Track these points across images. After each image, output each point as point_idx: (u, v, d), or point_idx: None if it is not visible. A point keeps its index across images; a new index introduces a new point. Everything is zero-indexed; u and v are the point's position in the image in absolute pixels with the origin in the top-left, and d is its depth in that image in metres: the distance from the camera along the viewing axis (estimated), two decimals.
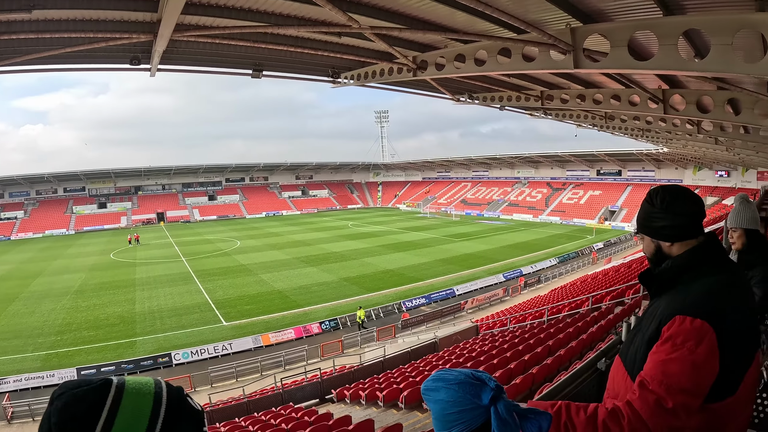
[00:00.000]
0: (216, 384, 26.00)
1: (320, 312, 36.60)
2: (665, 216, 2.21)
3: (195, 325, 34.28)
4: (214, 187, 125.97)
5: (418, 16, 11.77)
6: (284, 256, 59.00)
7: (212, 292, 42.76)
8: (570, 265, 52.94)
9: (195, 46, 14.08)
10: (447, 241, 67.88)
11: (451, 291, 42.03)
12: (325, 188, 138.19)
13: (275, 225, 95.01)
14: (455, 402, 1.54)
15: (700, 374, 1.89)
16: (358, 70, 17.93)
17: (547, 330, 17.87)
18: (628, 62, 9.93)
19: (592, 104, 19.89)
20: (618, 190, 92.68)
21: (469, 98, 22.86)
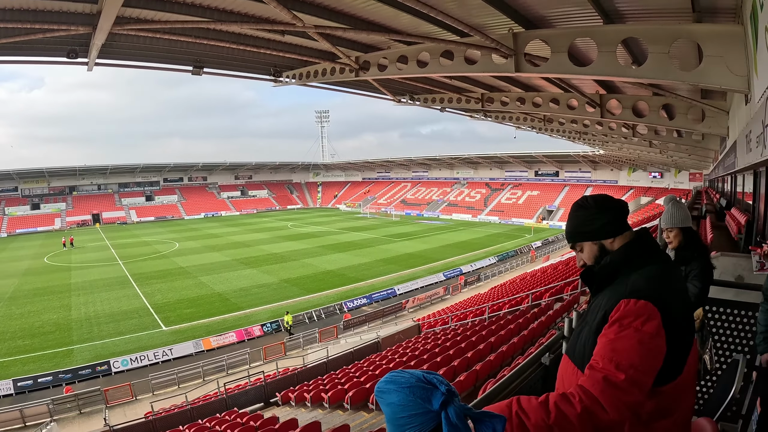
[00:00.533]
0: (157, 391, 25.31)
1: (261, 314, 36.18)
2: (602, 213, 2.35)
3: (134, 330, 33.33)
4: (151, 188, 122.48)
5: (362, 16, 11.81)
6: (224, 258, 58.19)
7: (151, 296, 41.74)
8: (509, 263, 53.77)
9: (135, 41, 13.70)
10: (387, 241, 68.13)
11: (392, 291, 42.11)
12: (265, 188, 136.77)
13: (214, 226, 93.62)
14: (405, 406, 1.54)
15: (648, 351, 1.98)
16: (300, 69, 17.90)
17: (488, 327, 18.14)
18: (567, 67, 10.18)
19: (532, 107, 20.31)
20: (555, 191, 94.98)
21: (411, 99, 23.02)
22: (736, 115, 11.98)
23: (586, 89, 18.03)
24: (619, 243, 2.35)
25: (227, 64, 17.45)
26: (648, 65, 8.81)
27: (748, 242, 10.39)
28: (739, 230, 11.46)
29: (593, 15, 9.19)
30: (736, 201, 18.73)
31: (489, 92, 21.49)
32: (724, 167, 17.27)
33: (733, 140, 12.29)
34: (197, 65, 16.39)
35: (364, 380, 16.13)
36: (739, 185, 18.30)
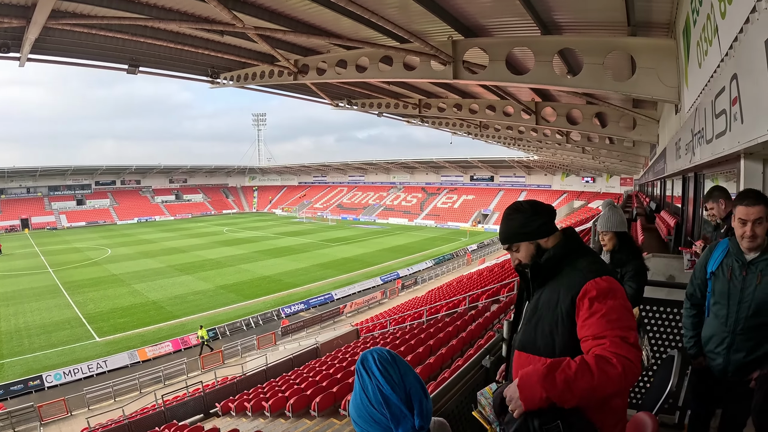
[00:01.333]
0: (93, 406, 24.46)
1: (198, 322, 35.21)
2: (538, 215, 2.52)
3: (66, 342, 32.07)
4: (83, 191, 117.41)
5: (303, 19, 11.80)
6: (158, 265, 56.89)
7: (83, 305, 40.25)
8: (446, 266, 54.41)
9: (70, 36, 13.28)
10: (324, 246, 67.94)
11: (330, 296, 41.99)
12: (200, 192, 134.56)
13: (148, 231, 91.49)
14: (372, 410, 1.57)
15: (631, 314, 2.25)
16: (239, 71, 17.76)
17: (427, 330, 18.34)
18: (505, 76, 10.43)
19: (469, 114, 20.61)
20: (490, 195, 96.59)
21: (348, 104, 23.11)
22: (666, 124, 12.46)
23: (523, 97, 18.43)
24: (552, 241, 2.53)
25: (164, 63, 17.10)
26: (583, 75, 9.11)
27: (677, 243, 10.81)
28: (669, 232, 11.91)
29: (531, 26, 9.43)
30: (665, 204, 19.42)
31: (426, 98, 21.71)
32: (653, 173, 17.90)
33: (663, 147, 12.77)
34: (133, 64, 16.01)
35: (304, 387, 16.10)
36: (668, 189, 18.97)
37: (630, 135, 17.73)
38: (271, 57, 15.18)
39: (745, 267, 3.47)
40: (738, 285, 3.51)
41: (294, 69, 15.34)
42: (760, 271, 3.40)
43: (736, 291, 3.52)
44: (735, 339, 3.55)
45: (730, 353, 3.59)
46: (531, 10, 8.73)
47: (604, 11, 8.54)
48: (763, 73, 2.92)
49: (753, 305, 3.43)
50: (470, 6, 9.61)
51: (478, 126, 27.33)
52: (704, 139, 5.43)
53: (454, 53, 11.19)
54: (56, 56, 15.15)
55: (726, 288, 3.58)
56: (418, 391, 1.61)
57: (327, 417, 13.61)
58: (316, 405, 13.89)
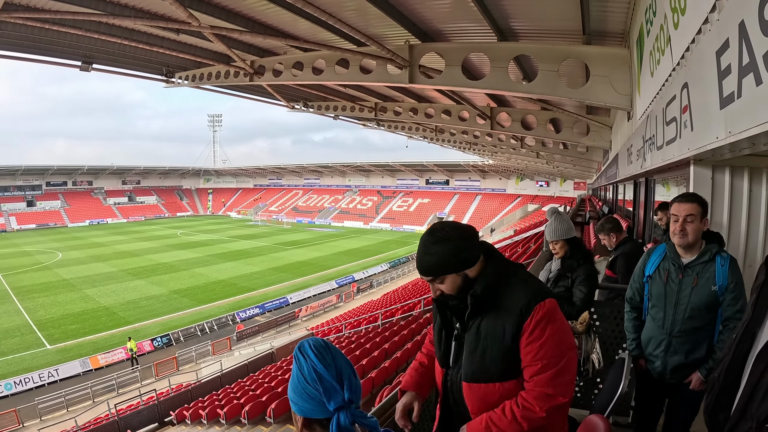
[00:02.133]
0: (45, 416, 23.88)
1: (151, 328, 34.98)
2: (465, 244, 2.33)
3: (16, 350, 31.12)
4: (33, 192, 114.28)
5: (261, 19, 11.73)
6: (110, 269, 55.77)
7: (33, 311, 39.18)
8: (401, 269, 54.62)
9: (22, 30, 12.90)
10: (279, 249, 67.67)
11: (285, 300, 41.83)
12: (154, 194, 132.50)
13: (100, 234, 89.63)
14: (307, 386, 1.64)
15: (569, 336, 2.34)
16: (194, 70, 17.60)
17: (382, 334, 18.37)
18: (460, 81, 10.52)
19: (424, 118, 20.73)
20: (446, 198, 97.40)
21: (304, 106, 23.06)
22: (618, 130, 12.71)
23: (478, 102, 18.60)
24: (477, 267, 2.40)
25: (118, 61, 16.79)
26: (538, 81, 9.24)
27: None
28: None
29: (488, 32, 9.52)
30: (617, 208, 19.84)
31: (383, 102, 21.79)
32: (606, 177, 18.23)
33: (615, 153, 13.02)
34: (86, 60, 15.70)
35: (260, 393, 16.02)
36: (620, 194, 19.37)
37: (583, 141, 18.03)
38: (227, 57, 15.06)
39: (681, 270, 3.54)
40: (674, 288, 3.58)
41: (250, 70, 15.26)
42: (696, 274, 3.47)
43: (672, 294, 3.59)
44: (672, 342, 3.62)
45: (668, 356, 3.67)
46: (488, 17, 8.82)
47: (560, 20, 8.69)
48: (713, 82, 2.99)
49: (689, 308, 3.50)
50: (428, 11, 9.67)
51: (434, 130, 27.54)
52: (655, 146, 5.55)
53: (411, 57, 11.25)
54: (7, 50, 14.80)
55: (662, 291, 3.66)
56: (348, 371, 1.68)
57: (283, 423, 13.55)
58: (271, 411, 13.82)
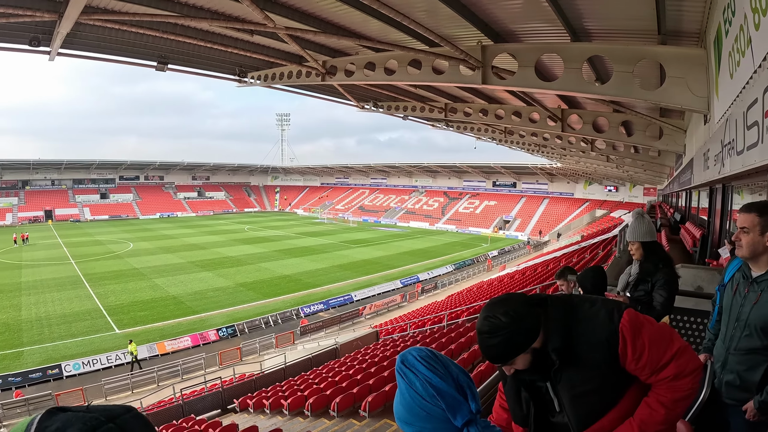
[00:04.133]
0: (110, 397, 24.79)
1: (217, 318, 35.84)
2: (518, 326, 2.16)
3: (86, 333, 32.44)
4: (106, 185, 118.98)
5: (333, 20, 11.84)
6: (179, 260, 57.36)
7: (104, 297, 40.77)
8: (466, 271, 54.16)
9: (100, 32, 13.44)
10: (344, 247, 68.00)
11: (349, 297, 42.09)
12: (222, 190, 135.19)
13: (170, 227, 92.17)
14: (424, 404, 1.56)
15: (664, 327, 2.31)
16: (266, 70, 17.84)
17: (447, 335, 18.28)
18: (533, 82, 10.39)
19: (494, 119, 20.54)
20: (512, 201, 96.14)
21: (374, 106, 23.10)
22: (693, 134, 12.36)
23: (549, 103, 18.35)
24: (542, 334, 2.27)
25: (192, 61, 17.20)
26: (612, 83, 9.07)
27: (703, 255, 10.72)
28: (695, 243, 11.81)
29: (561, 32, 9.41)
30: (690, 216, 19.25)
31: (453, 102, 21.68)
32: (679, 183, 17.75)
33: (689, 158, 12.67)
34: (162, 61, 16.14)
35: (324, 387, 16.08)
36: (693, 201, 18.82)
37: (656, 144, 17.58)
38: (300, 57, 15.27)
39: (748, 283, 3.30)
40: (739, 301, 3.35)
41: (322, 70, 15.38)
42: (761, 290, 3.20)
43: (736, 307, 3.37)
44: (728, 358, 3.42)
45: (723, 372, 3.46)
46: (562, 17, 8.71)
47: (634, 19, 8.50)
48: None
49: (747, 325, 3.26)
50: (500, 11, 9.60)
51: (503, 132, 27.24)
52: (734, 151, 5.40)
53: (483, 58, 11.17)
54: (86, 51, 15.29)
55: (729, 303, 3.46)
56: (465, 378, 1.61)
57: (346, 418, 13.60)
58: (335, 405, 13.89)
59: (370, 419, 12.69)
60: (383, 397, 13.15)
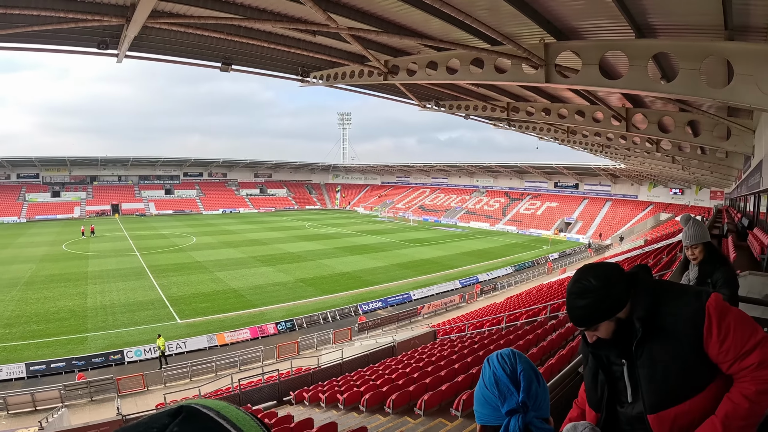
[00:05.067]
0: (170, 383, 25.47)
1: (276, 312, 36.39)
2: (608, 292, 2.24)
3: (148, 321, 33.60)
4: (171, 181, 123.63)
5: (394, 20, 11.85)
6: (240, 255, 58.46)
7: (166, 288, 42.14)
8: (526, 273, 53.44)
9: (166, 35, 13.89)
10: (404, 246, 68.05)
11: (408, 296, 42.10)
12: (284, 187, 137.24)
13: (232, 222, 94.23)
14: (485, 390, 1.67)
15: (746, 316, 2.25)
16: (328, 70, 17.95)
17: (506, 337, 18.10)
18: (598, 80, 10.17)
19: (557, 118, 20.23)
20: (574, 203, 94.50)
21: (436, 105, 23.03)
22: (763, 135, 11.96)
23: (613, 102, 17.97)
24: (628, 305, 2.32)
25: (256, 62, 17.48)
26: (678, 81, 8.82)
27: None
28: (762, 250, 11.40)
29: (625, 28, 9.20)
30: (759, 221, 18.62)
31: (515, 101, 21.44)
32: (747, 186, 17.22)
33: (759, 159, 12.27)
34: (226, 62, 16.45)
35: (380, 383, 16.11)
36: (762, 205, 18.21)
37: (723, 145, 17.04)
38: (362, 57, 15.35)
39: None
40: None
41: (384, 69, 15.39)
42: None
43: None
44: None
45: None
46: (626, 13, 8.51)
47: (700, 14, 8.23)
48: None
49: None
50: (562, 8, 9.45)
51: (566, 131, 26.82)
52: None
53: (546, 56, 11.01)
54: (152, 53, 15.74)
55: None
56: (529, 375, 1.65)
57: (401, 415, 13.62)
58: (391, 402, 13.90)
59: (424, 417, 12.67)
60: (439, 396, 13.11)
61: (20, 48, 14.25)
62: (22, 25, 11.63)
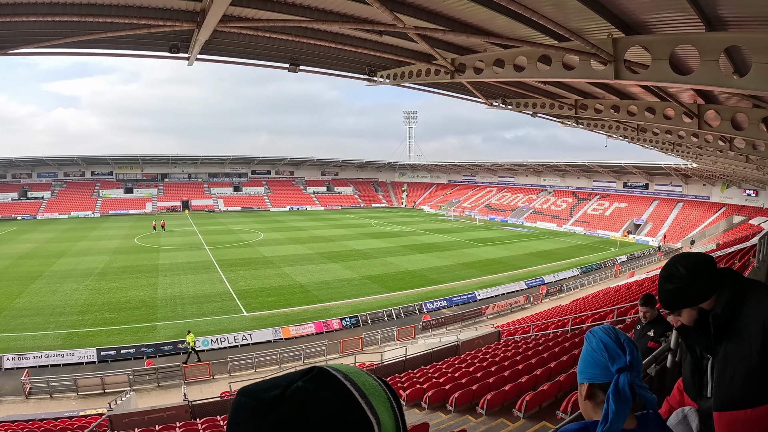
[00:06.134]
0: (234, 373, 26.26)
1: (341, 308, 36.89)
2: (694, 282, 2.35)
3: (216, 313, 34.78)
4: (239, 179, 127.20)
5: (459, 18, 11.83)
6: (307, 251, 59.42)
7: (234, 282, 43.34)
8: (592, 276, 52.42)
9: (235, 38, 14.32)
10: (470, 246, 67.67)
11: (473, 295, 41.93)
12: (350, 186, 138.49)
13: (299, 219, 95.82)
14: (594, 354, 1.85)
15: None
16: (395, 69, 18.03)
17: (571, 339, 17.90)
18: (668, 76, 9.94)
19: (626, 115, 19.81)
20: (644, 204, 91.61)
21: (503, 103, 22.88)
22: None
23: (684, 98, 17.49)
24: (715, 298, 2.39)
25: (322, 62, 17.73)
26: (751, 76, 8.54)
27: None
28: None
29: (695, 21, 8.96)
30: None
31: (583, 98, 21.07)
32: None
33: None
34: (293, 63, 16.74)
35: (443, 381, 16.12)
36: None
37: None
38: (429, 56, 15.37)
39: None
40: None
41: (451, 68, 15.38)
42: None
43: None
44: None
45: None
46: (695, 5, 8.27)
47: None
48: None
49: None
50: (629, 2, 9.27)
51: (635, 129, 26.16)
52: None
53: (615, 52, 10.81)
54: (222, 56, 16.22)
55: None
56: (630, 344, 1.85)
57: (463, 413, 13.61)
58: (453, 400, 13.91)
59: (486, 417, 12.65)
60: (502, 396, 13.06)
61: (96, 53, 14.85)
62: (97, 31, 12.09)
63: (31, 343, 28.76)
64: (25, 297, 37.60)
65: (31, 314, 33.55)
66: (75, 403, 22.86)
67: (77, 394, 23.72)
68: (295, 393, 0.91)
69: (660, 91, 16.37)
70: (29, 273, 45.69)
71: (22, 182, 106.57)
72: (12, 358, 26.48)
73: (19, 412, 21.42)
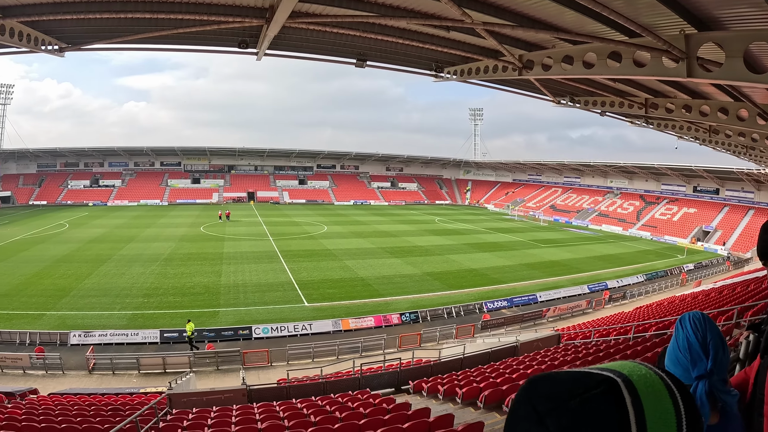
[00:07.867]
0: (292, 361, 26.66)
1: (401, 303, 36.98)
2: None
3: (277, 302, 35.46)
4: (305, 172, 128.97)
5: (527, 13, 11.74)
6: (369, 245, 59.79)
7: (296, 272, 44.06)
8: (657, 283, 50.81)
9: (303, 33, 14.50)
10: (533, 246, 66.85)
11: (534, 297, 41.47)
12: (415, 182, 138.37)
13: (362, 214, 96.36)
14: (678, 353, 1.81)
15: None
16: (462, 65, 17.96)
17: (633, 347, 17.44)
18: (743, 74, 9.64)
19: (698, 116, 19.26)
20: (714, 210, 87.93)
21: (571, 101, 22.54)
22: None
23: (758, 98, 16.90)
24: None
25: (390, 58, 17.83)
26: None
27: None
28: None
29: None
30: None
31: (653, 97, 20.56)
32: None
33: None
34: (361, 58, 16.89)
35: (500, 382, 15.95)
36: None
37: None
38: (496, 52, 15.27)
39: None
40: None
41: (519, 64, 15.23)
42: None
43: None
44: None
45: None
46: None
47: None
48: None
49: None
50: None
51: (708, 131, 25.38)
52: None
53: (687, 48, 10.52)
54: (290, 52, 16.49)
55: None
56: (717, 344, 1.78)
57: None
58: (509, 401, 13.76)
59: None
60: None
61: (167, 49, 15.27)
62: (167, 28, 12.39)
63: (98, 321, 30.12)
64: (93, 278, 39.23)
65: (98, 295, 35.04)
66: (136, 381, 23.85)
67: (139, 372, 24.75)
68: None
69: (733, 91, 15.89)
70: (99, 256, 47.65)
71: (94, 171, 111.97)
72: (78, 335, 27.87)
73: (82, 386, 22.40)
